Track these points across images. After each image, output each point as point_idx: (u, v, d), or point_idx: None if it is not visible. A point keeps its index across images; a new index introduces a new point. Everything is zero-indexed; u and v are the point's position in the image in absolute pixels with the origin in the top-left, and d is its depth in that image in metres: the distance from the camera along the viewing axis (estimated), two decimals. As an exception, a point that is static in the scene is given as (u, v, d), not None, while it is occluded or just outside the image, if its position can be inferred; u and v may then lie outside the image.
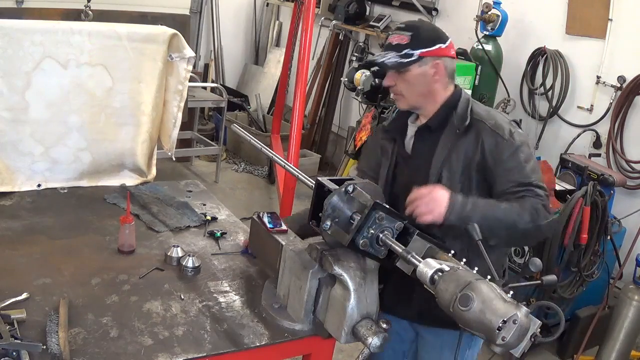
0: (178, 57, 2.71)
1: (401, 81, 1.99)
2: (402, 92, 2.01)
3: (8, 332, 1.54)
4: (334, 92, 6.54)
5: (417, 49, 1.93)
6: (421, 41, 1.94)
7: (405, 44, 1.94)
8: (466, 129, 1.95)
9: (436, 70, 1.97)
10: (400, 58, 1.94)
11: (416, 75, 1.96)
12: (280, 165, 2.08)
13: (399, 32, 1.97)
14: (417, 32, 1.96)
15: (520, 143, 1.93)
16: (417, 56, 1.93)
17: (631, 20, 3.98)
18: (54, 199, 2.56)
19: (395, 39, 1.96)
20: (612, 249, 3.73)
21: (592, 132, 4.22)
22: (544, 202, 1.87)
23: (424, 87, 1.99)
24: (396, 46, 1.95)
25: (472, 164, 1.93)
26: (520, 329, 1.32)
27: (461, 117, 1.97)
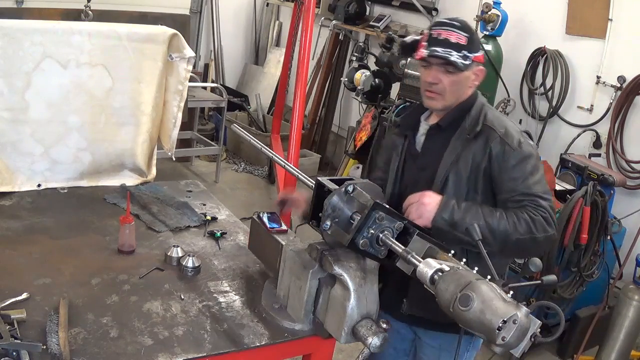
0: (178, 57, 2.71)
1: (448, 81, 1.93)
2: (443, 92, 1.95)
3: (8, 332, 1.54)
4: (334, 92, 6.54)
5: (472, 53, 1.90)
6: (475, 45, 1.92)
7: (464, 44, 1.89)
8: (477, 134, 1.93)
9: (477, 76, 1.95)
10: (461, 59, 1.89)
11: (464, 78, 1.93)
12: (280, 165, 2.08)
13: (454, 29, 1.90)
14: (472, 34, 1.92)
15: (528, 154, 1.90)
16: (471, 60, 1.91)
17: (631, 20, 3.99)
18: (54, 199, 2.56)
19: (453, 36, 1.89)
20: (612, 249, 3.73)
21: (592, 132, 4.22)
22: (544, 215, 1.83)
23: (463, 90, 1.96)
24: (456, 45, 1.88)
25: (479, 169, 1.92)
26: (520, 329, 1.32)
27: (473, 122, 1.95)
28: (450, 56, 1.88)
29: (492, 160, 1.90)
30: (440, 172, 1.95)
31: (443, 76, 1.93)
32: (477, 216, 1.80)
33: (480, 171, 1.92)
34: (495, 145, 1.89)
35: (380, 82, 4.71)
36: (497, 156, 1.89)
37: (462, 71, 1.91)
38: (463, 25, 1.92)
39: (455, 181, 1.93)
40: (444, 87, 1.94)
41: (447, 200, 1.82)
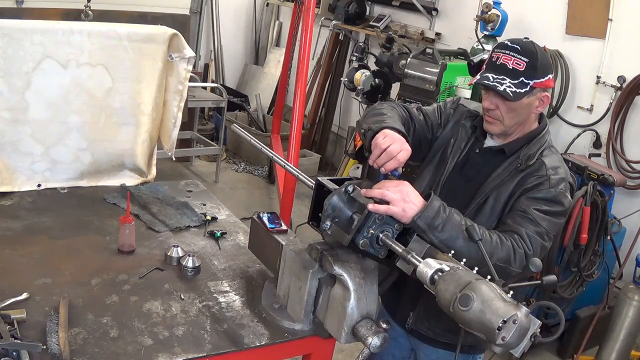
0: (178, 57, 2.71)
1: (505, 108, 1.85)
2: (500, 118, 1.88)
3: (8, 332, 1.54)
4: (334, 92, 6.54)
5: (531, 79, 1.80)
6: (537, 70, 1.81)
7: (521, 70, 1.80)
8: (527, 167, 1.87)
9: (542, 102, 1.87)
10: (516, 87, 1.80)
11: (524, 105, 1.84)
12: (280, 165, 2.08)
13: (514, 54, 1.82)
14: (534, 59, 1.81)
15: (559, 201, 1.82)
16: (530, 87, 1.81)
17: (631, 20, 3.99)
18: (54, 199, 2.55)
19: (512, 62, 1.81)
20: (612, 249, 3.73)
21: (592, 132, 4.22)
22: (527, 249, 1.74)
23: (524, 117, 1.89)
24: (512, 71, 1.80)
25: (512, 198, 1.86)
26: (520, 329, 1.32)
27: (530, 155, 1.88)
28: (499, 86, 1.80)
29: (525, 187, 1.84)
30: (483, 190, 1.90)
31: (500, 103, 1.85)
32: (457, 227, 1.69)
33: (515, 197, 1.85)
34: (537, 179, 1.83)
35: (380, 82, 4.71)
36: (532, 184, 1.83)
37: (516, 100, 1.81)
38: (524, 49, 1.82)
39: (493, 205, 1.88)
40: (501, 114, 1.87)
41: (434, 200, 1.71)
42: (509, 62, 1.82)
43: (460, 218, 1.72)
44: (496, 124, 1.91)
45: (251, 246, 2.21)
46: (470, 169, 2.00)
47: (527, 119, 1.90)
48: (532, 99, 1.85)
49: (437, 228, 1.66)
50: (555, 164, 1.88)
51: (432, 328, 2.02)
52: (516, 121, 1.89)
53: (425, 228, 1.66)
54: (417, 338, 2.10)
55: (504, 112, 1.86)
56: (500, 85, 1.80)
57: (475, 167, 1.99)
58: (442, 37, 5.42)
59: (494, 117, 1.89)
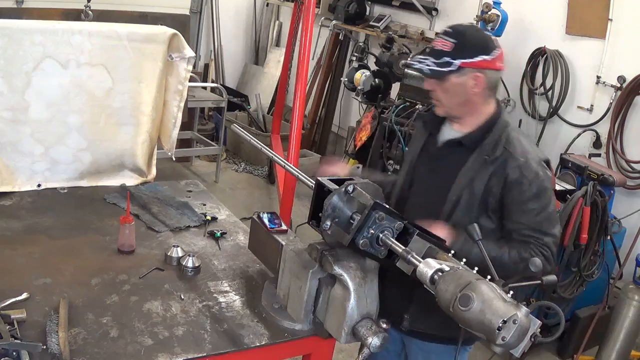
0: (178, 57, 2.71)
1: (440, 89, 1.93)
2: (440, 99, 1.96)
3: (8, 332, 1.54)
4: (334, 92, 6.54)
5: (457, 59, 1.86)
6: (464, 50, 1.86)
7: (446, 51, 1.87)
8: (496, 157, 1.90)
9: (476, 82, 1.90)
10: (437, 66, 1.87)
11: (454, 84, 1.90)
12: (280, 165, 2.08)
13: (444, 36, 1.89)
14: (462, 39, 1.87)
15: (544, 189, 1.89)
16: (457, 66, 1.86)
17: (631, 20, 3.98)
18: (54, 199, 2.56)
19: (439, 43, 1.89)
20: (612, 249, 3.73)
21: (592, 132, 4.22)
22: (546, 254, 1.86)
23: (463, 98, 1.93)
24: (437, 52, 1.88)
25: (492, 193, 1.90)
26: (520, 329, 1.32)
27: (494, 144, 1.92)
28: (416, 64, 1.91)
29: (506, 187, 1.88)
30: (454, 190, 1.94)
31: (435, 84, 1.94)
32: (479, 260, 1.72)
33: (494, 195, 1.90)
34: (512, 173, 1.87)
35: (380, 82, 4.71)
36: (512, 184, 1.87)
37: (441, 78, 1.89)
38: (455, 31, 1.90)
39: (467, 201, 1.92)
40: (438, 95, 1.96)
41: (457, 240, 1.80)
42: (437, 44, 1.91)
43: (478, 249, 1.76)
44: (439, 106, 1.99)
45: (251, 246, 2.21)
46: (437, 163, 2.05)
47: (469, 101, 1.94)
48: (464, 79, 1.89)
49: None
50: (522, 148, 1.92)
51: (427, 325, 2.03)
52: (455, 102, 1.94)
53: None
54: (412, 336, 2.12)
55: (440, 92, 1.94)
56: (419, 63, 1.91)
57: (441, 161, 2.04)
58: (442, 37, 5.41)
59: (435, 98, 1.98)
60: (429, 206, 1.98)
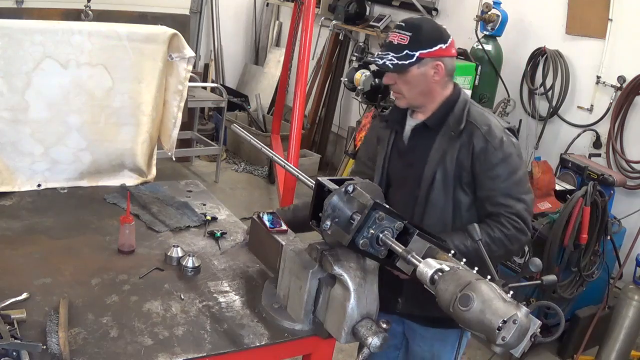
0: (178, 57, 2.71)
1: (401, 81, 1.97)
2: (401, 92, 2.00)
3: (8, 332, 1.54)
4: (334, 92, 6.54)
5: (416, 50, 1.91)
6: (422, 42, 1.92)
7: (404, 44, 1.91)
8: (460, 131, 1.96)
9: (436, 71, 1.96)
10: (398, 60, 1.92)
11: (416, 76, 1.95)
12: (280, 165, 2.08)
13: (399, 31, 1.94)
14: (418, 31, 1.92)
15: (510, 153, 1.94)
16: (417, 57, 1.91)
17: (631, 20, 3.98)
18: (54, 199, 2.56)
19: (396, 37, 1.94)
20: (612, 249, 3.73)
21: (592, 132, 4.22)
22: (517, 225, 1.91)
23: (424, 87, 1.98)
24: (396, 46, 1.93)
25: (464, 166, 1.96)
26: (520, 329, 1.32)
27: (457, 119, 1.98)
28: (379, 60, 1.93)
29: (474, 157, 1.94)
30: (428, 170, 1.99)
31: (395, 77, 1.98)
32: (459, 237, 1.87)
33: (464, 168, 1.95)
34: (477, 142, 1.93)
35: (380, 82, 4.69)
36: (479, 154, 1.93)
37: (401, 71, 1.93)
38: (408, 24, 1.94)
39: (442, 179, 1.97)
40: (400, 87, 1.99)
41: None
42: (394, 39, 1.94)
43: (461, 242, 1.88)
44: (400, 98, 2.03)
45: (251, 246, 2.21)
46: (407, 155, 2.09)
47: (429, 89, 1.98)
48: (424, 69, 1.94)
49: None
50: (484, 119, 1.97)
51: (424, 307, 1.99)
52: (416, 92, 1.98)
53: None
54: (410, 320, 2.15)
55: (401, 84, 1.98)
56: (381, 60, 1.94)
57: (411, 151, 2.07)
58: (442, 37, 5.41)
59: (395, 91, 2.01)
60: (409, 196, 2.03)
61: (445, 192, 1.97)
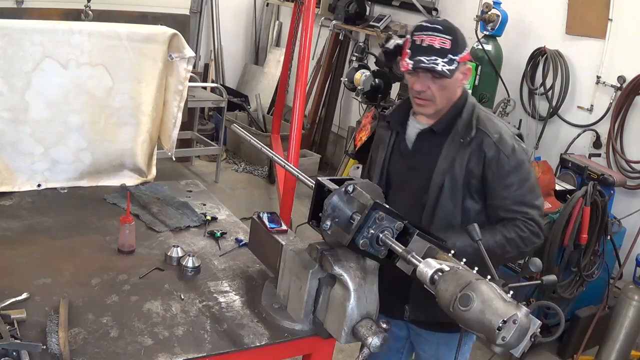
0: (178, 57, 2.71)
1: (436, 87, 1.90)
2: (433, 98, 1.93)
3: (8, 332, 1.54)
4: (334, 92, 6.54)
5: (457, 55, 1.86)
6: (460, 46, 1.88)
7: (448, 48, 1.85)
8: (471, 139, 1.92)
9: (465, 75, 1.93)
10: (448, 65, 1.85)
11: (452, 81, 1.90)
12: (280, 165, 2.08)
13: (437, 34, 1.86)
14: (456, 35, 1.88)
15: (522, 160, 1.92)
16: (457, 62, 1.87)
17: (631, 20, 3.99)
18: (54, 199, 2.56)
19: (436, 41, 1.86)
20: (612, 249, 3.73)
21: (592, 132, 4.22)
22: (533, 229, 1.90)
23: (453, 93, 1.95)
24: (439, 50, 1.85)
25: (473, 174, 1.93)
26: (520, 329, 1.32)
27: (466, 126, 1.93)
28: (436, 66, 1.85)
29: (485, 166, 1.91)
30: (436, 177, 1.95)
31: (431, 83, 1.91)
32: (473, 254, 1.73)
33: (474, 176, 1.92)
34: (489, 151, 1.90)
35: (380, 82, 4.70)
36: (490, 162, 1.90)
37: (448, 77, 1.87)
38: (445, 27, 1.88)
39: (451, 186, 1.94)
40: (433, 93, 1.92)
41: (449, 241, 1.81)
42: (435, 43, 1.86)
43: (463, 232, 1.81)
44: (428, 105, 1.95)
45: (251, 246, 2.21)
46: (411, 158, 2.05)
47: (453, 94, 1.96)
48: (458, 74, 1.92)
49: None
50: (494, 126, 1.94)
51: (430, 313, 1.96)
52: (446, 98, 1.95)
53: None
54: (417, 325, 2.13)
55: (436, 91, 1.91)
56: (437, 65, 1.85)
57: (415, 155, 2.04)
58: (442, 37, 5.41)
59: (425, 98, 1.93)
60: (414, 201, 1.99)
61: (454, 199, 1.94)
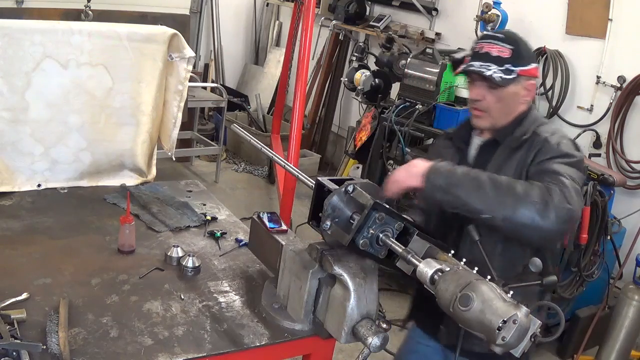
0: (178, 57, 2.71)
1: (493, 98, 1.83)
2: (488, 109, 1.85)
3: (8, 332, 1.54)
4: (334, 92, 6.54)
5: (517, 66, 1.80)
6: (523, 58, 1.82)
7: (506, 57, 1.79)
8: (522, 142, 1.83)
9: (529, 91, 1.86)
10: (502, 74, 1.79)
11: (511, 94, 1.83)
12: (280, 165, 2.08)
13: (496, 42, 1.82)
14: (518, 47, 1.82)
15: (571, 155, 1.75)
16: (517, 74, 1.80)
17: (631, 20, 3.99)
18: (54, 199, 2.56)
19: (495, 49, 1.81)
20: (612, 249, 3.73)
21: (592, 132, 4.22)
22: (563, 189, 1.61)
23: (512, 107, 1.86)
24: (496, 58, 1.80)
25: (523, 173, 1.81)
26: (520, 329, 1.32)
27: (522, 132, 1.85)
28: (485, 71, 1.79)
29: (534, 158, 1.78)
30: None
31: (486, 93, 1.84)
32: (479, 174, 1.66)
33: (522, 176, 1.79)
34: (537, 145, 1.79)
35: (380, 82, 4.71)
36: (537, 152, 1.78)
37: (503, 86, 1.80)
38: (508, 37, 1.82)
39: None
40: (488, 104, 1.85)
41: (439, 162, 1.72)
42: (492, 50, 1.82)
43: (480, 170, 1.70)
44: (484, 117, 1.88)
45: (251, 246, 2.21)
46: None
47: (513, 110, 1.87)
48: (518, 88, 1.84)
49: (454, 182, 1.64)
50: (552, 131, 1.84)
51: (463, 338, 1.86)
52: (504, 112, 1.86)
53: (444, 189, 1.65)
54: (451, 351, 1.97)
55: (492, 102, 1.84)
56: (487, 70, 1.79)
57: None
58: (442, 37, 5.42)
59: (481, 108, 1.86)
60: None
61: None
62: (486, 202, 1.61)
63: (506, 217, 1.60)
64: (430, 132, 4.15)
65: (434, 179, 1.68)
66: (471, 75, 1.87)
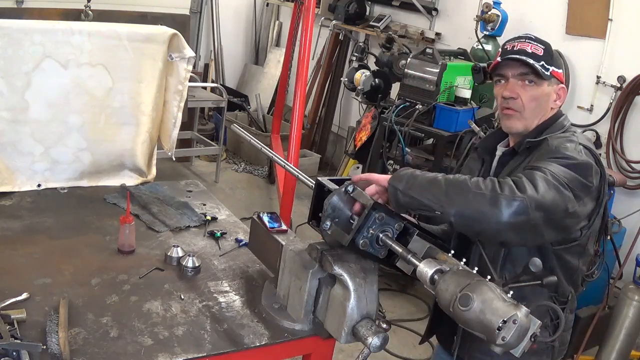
0: (178, 57, 2.71)
1: (528, 96, 1.78)
2: (521, 109, 1.79)
3: (8, 332, 1.54)
4: (334, 92, 6.54)
5: (550, 66, 1.77)
6: (554, 58, 1.79)
7: (540, 55, 1.76)
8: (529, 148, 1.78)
9: (560, 96, 1.82)
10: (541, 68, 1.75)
11: (545, 93, 1.78)
12: (280, 165, 2.08)
13: (529, 41, 1.78)
14: (549, 48, 1.78)
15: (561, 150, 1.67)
16: (551, 73, 1.77)
17: (631, 20, 3.99)
18: (54, 199, 2.56)
19: (529, 46, 1.77)
20: (612, 249, 3.72)
21: (592, 132, 4.22)
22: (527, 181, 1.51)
23: (544, 109, 1.81)
24: (532, 54, 1.76)
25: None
26: (520, 329, 1.32)
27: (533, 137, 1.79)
28: (528, 58, 1.73)
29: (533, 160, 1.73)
30: None
31: (521, 90, 1.78)
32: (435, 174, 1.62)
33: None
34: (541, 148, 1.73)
35: (380, 82, 4.71)
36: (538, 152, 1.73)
37: (543, 80, 1.76)
38: (538, 38, 1.80)
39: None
40: (522, 103, 1.78)
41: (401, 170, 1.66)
42: (527, 47, 1.77)
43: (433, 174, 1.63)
44: (516, 117, 1.80)
45: (251, 246, 2.21)
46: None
47: (543, 114, 1.81)
48: (551, 89, 1.80)
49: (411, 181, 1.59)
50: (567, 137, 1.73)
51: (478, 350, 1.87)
52: (536, 113, 1.80)
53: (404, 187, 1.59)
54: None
55: (526, 100, 1.78)
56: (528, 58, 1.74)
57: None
58: (442, 37, 5.42)
59: (514, 107, 1.79)
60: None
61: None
62: (438, 198, 1.55)
63: (457, 212, 1.52)
64: (430, 132, 4.15)
65: (397, 184, 1.63)
66: (504, 71, 1.80)
